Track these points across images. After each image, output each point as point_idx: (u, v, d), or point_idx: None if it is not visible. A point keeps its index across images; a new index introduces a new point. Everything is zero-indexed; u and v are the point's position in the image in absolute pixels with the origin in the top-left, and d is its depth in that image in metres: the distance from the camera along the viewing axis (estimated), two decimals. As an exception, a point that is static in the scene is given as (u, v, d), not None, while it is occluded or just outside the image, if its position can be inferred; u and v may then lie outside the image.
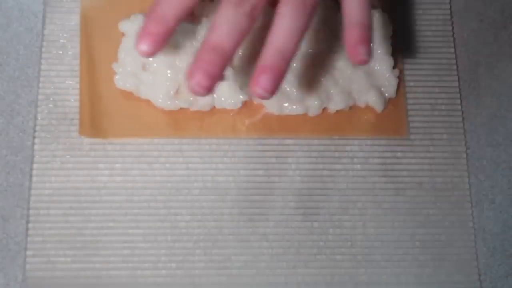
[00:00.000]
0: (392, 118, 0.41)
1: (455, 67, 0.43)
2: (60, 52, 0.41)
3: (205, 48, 0.31)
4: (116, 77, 0.39)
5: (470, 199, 0.41)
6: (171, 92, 0.39)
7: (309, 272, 0.39)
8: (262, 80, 0.30)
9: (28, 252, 0.38)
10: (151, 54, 0.32)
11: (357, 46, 0.32)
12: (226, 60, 0.31)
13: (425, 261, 0.39)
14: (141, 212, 0.39)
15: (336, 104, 0.40)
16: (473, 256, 0.40)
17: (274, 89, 0.31)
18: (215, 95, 0.39)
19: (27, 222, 0.38)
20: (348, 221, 0.40)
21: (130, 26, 0.40)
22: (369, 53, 0.32)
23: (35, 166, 0.39)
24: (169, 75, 0.39)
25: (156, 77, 0.39)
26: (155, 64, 0.39)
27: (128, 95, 0.40)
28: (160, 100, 0.39)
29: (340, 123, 0.41)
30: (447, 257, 0.40)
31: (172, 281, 0.38)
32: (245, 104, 0.40)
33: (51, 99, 0.40)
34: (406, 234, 0.40)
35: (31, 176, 0.39)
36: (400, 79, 0.41)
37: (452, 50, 0.43)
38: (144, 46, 0.31)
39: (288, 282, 0.39)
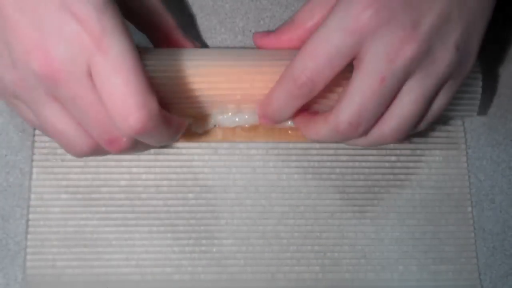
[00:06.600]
0: (392, 118, 0.41)
1: (455, 67, 0.43)
2: (60, 52, 0.41)
3: None
4: None
5: (470, 199, 0.41)
6: None
7: (309, 272, 0.39)
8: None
9: (28, 252, 0.38)
10: None
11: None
12: None
13: (425, 261, 0.39)
14: (141, 212, 0.39)
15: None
16: (473, 256, 0.40)
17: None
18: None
19: (27, 222, 0.38)
20: (348, 221, 0.40)
21: None
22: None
23: (35, 166, 0.39)
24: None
25: None
26: None
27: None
28: None
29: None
30: (447, 257, 0.40)
31: (172, 280, 0.38)
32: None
33: (51, 99, 0.40)
34: (406, 234, 0.40)
35: (31, 176, 0.39)
36: (400, 79, 0.41)
37: (452, 50, 0.43)
38: None
39: (288, 282, 0.39)
